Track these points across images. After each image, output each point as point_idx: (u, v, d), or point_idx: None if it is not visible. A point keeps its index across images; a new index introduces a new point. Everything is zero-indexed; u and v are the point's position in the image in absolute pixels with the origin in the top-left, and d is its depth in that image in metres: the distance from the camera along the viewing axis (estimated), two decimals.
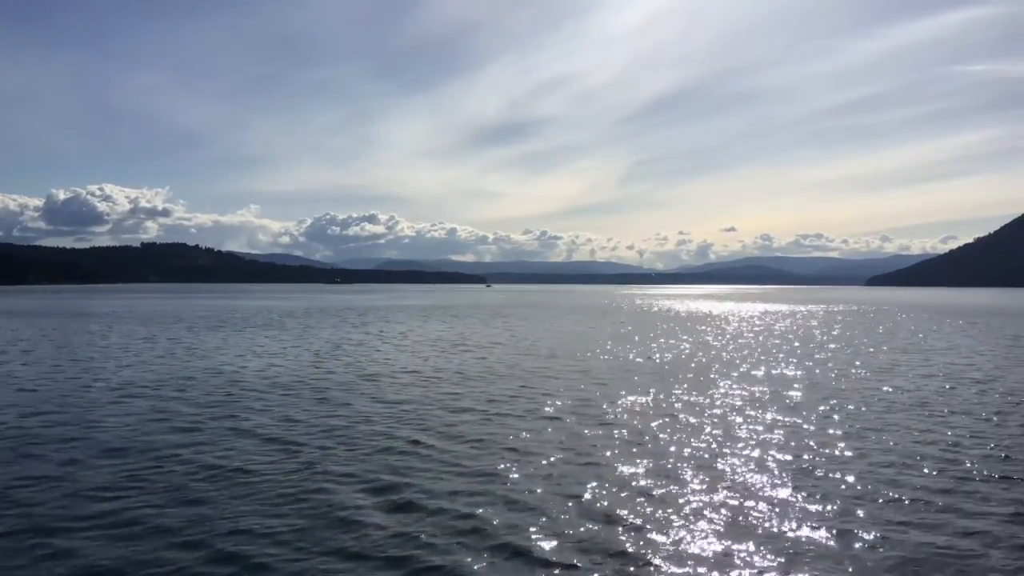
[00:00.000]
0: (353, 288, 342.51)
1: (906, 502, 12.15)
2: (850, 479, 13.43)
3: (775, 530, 10.90)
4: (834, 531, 10.81)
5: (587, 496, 12.36)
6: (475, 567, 9.58)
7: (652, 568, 9.58)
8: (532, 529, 10.86)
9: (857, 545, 10.35)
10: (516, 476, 13.62)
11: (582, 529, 10.87)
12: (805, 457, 15.07)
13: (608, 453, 15.42)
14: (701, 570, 9.54)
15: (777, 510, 11.71)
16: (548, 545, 10.27)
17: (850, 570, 9.55)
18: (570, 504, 11.96)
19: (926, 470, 14.09)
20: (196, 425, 18.09)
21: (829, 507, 11.86)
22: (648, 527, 10.93)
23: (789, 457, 15.06)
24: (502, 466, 14.31)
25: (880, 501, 12.20)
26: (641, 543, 10.33)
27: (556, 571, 9.50)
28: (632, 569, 9.53)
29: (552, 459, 14.86)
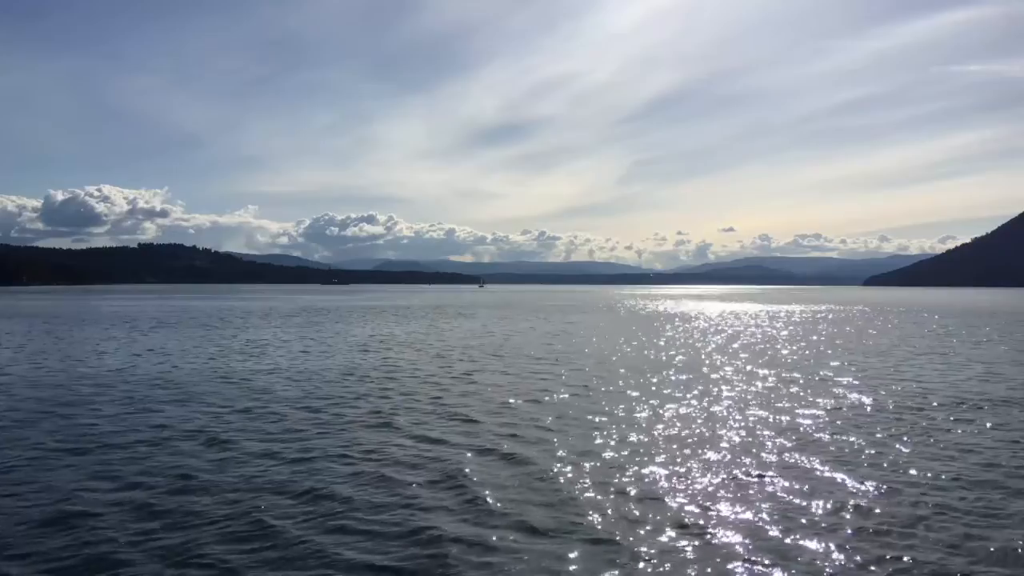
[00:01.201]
0: (345, 289, 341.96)
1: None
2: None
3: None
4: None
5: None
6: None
7: None
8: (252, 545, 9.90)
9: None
10: (284, 478, 12.83)
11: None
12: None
13: (405, 466, 14.48)
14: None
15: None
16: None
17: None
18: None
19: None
20: None
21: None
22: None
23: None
24: (274, 467, 13.68)
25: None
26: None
27: None
28: None
29: (344, 465, 14.09)
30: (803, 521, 10.97)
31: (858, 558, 9.62)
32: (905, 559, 9.58)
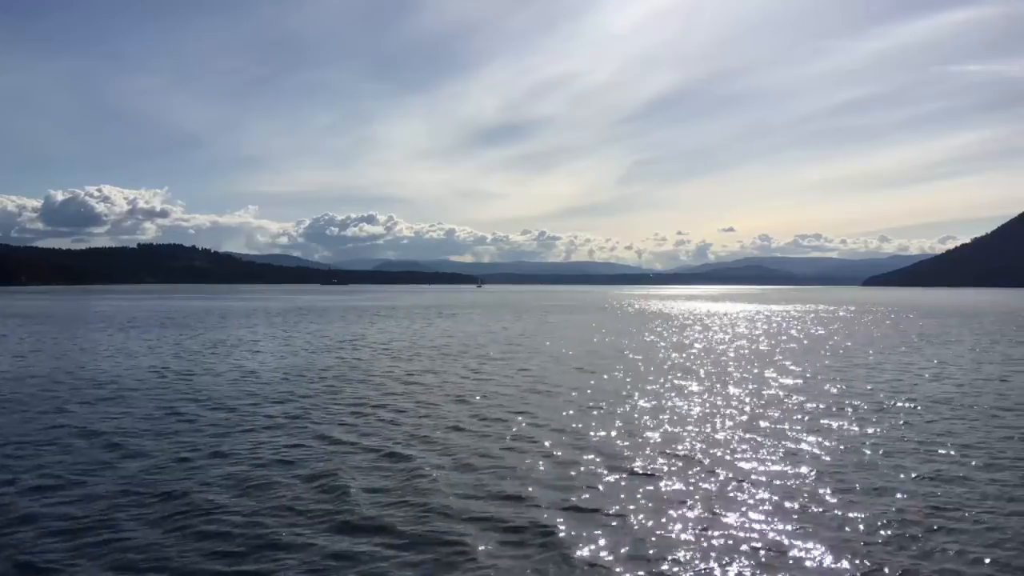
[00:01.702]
0: (342, 289, 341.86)
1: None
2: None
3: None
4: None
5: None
6: None
7: None
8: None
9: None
10: (195, 475, 12.79)
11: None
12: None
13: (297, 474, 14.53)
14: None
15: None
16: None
17: None
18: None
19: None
20: None
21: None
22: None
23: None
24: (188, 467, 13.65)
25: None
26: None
27: None
28: None
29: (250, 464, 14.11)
30: (730, 520, 11.07)
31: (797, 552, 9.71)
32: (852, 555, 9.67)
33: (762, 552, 9.89)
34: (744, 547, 10.05)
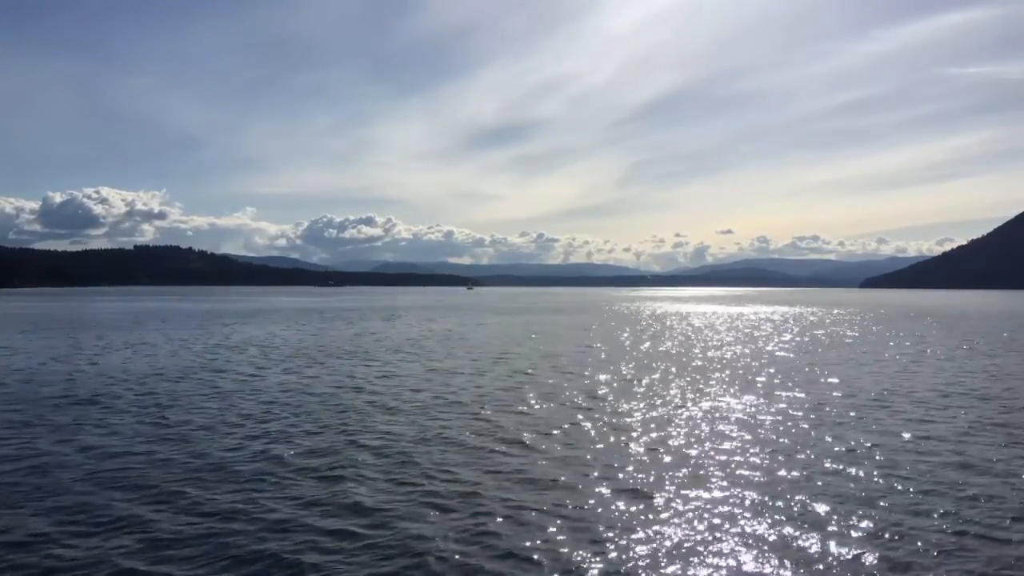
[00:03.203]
0: (333, 291, 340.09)
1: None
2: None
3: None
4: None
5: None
6: None
7: None
8: None
9: None
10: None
11: None
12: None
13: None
14: None
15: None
16: None
17: None
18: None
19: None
20: None
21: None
22: None
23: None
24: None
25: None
26: None
27: None
28: None
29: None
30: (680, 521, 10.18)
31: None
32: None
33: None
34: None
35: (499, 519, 11.09)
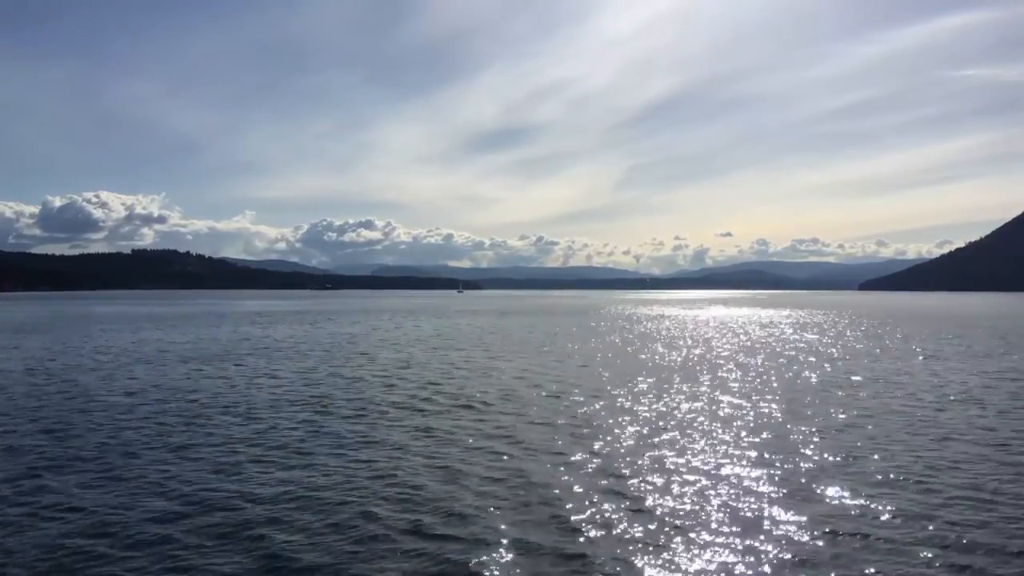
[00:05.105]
0: (326, 294, 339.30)
1: None
2: None
3: None
4: None
5: None
6: None
7: None
8: None
9: None
10: None
11: None
12: None
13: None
14: None
15: None
16: None
17: None
18: None
19: None
20: None
21: None
22: None
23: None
24: None
25: None
26: None
27: None
28: None
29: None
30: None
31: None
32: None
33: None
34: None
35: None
